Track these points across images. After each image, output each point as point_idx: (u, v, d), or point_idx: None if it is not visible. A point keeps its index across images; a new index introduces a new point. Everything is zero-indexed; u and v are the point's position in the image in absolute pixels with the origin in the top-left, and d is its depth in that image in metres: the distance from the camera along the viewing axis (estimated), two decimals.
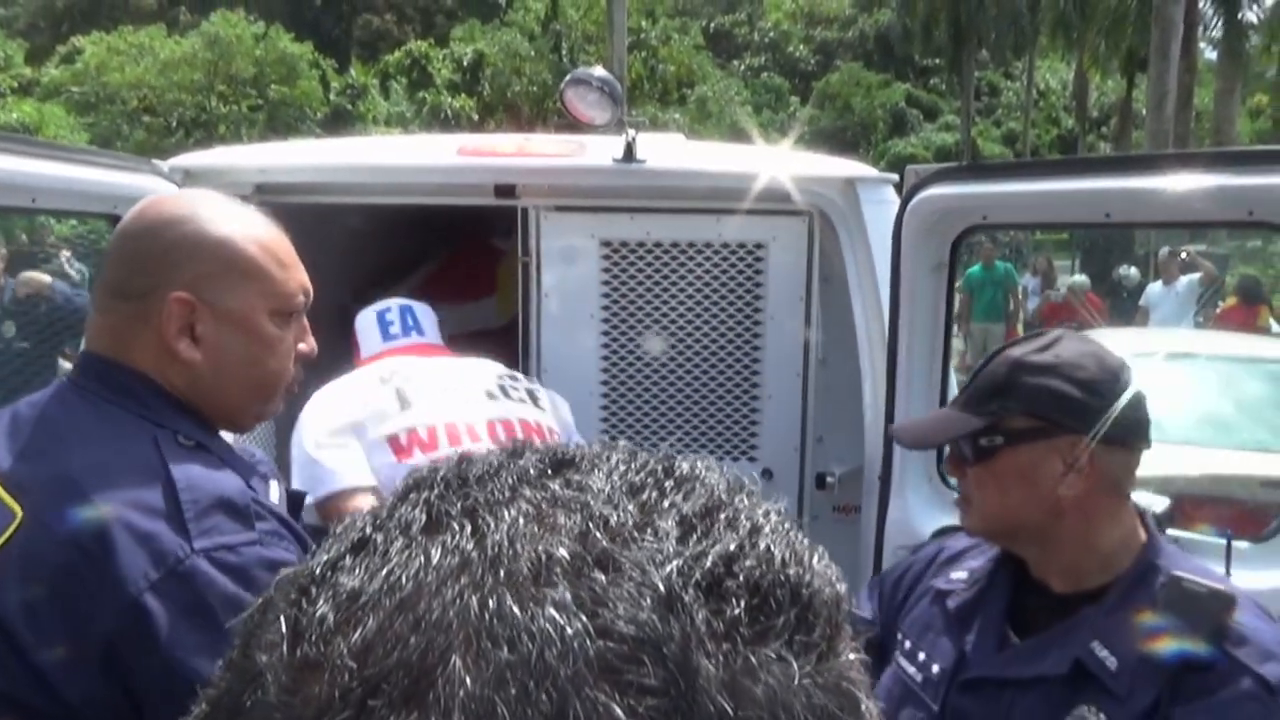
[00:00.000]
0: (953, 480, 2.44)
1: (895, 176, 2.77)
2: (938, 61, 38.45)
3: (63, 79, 30.37)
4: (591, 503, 0.35)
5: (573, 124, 2.82)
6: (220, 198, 1.30)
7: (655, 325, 2.84)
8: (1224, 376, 5.67)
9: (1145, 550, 1.34)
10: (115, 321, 1.22)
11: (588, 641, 0.29)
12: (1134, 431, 1.34)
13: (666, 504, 0.35)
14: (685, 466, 0.39)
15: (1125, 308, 11.64)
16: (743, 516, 0.36)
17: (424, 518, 0.35)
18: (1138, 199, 1.91)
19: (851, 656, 0.35)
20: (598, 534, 0.33)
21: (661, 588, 0.31)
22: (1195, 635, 1.20)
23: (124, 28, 32.39)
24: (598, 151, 2.74)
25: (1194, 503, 2.92)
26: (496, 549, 0.32)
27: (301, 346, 1.31)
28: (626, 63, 15.74)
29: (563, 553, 0.32)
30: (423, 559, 0.33)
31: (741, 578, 0.33)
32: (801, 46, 45.06)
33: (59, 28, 36.38)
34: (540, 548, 0.32)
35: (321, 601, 0.33)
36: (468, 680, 0.29)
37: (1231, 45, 23.26)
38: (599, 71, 2.72)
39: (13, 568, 1.05)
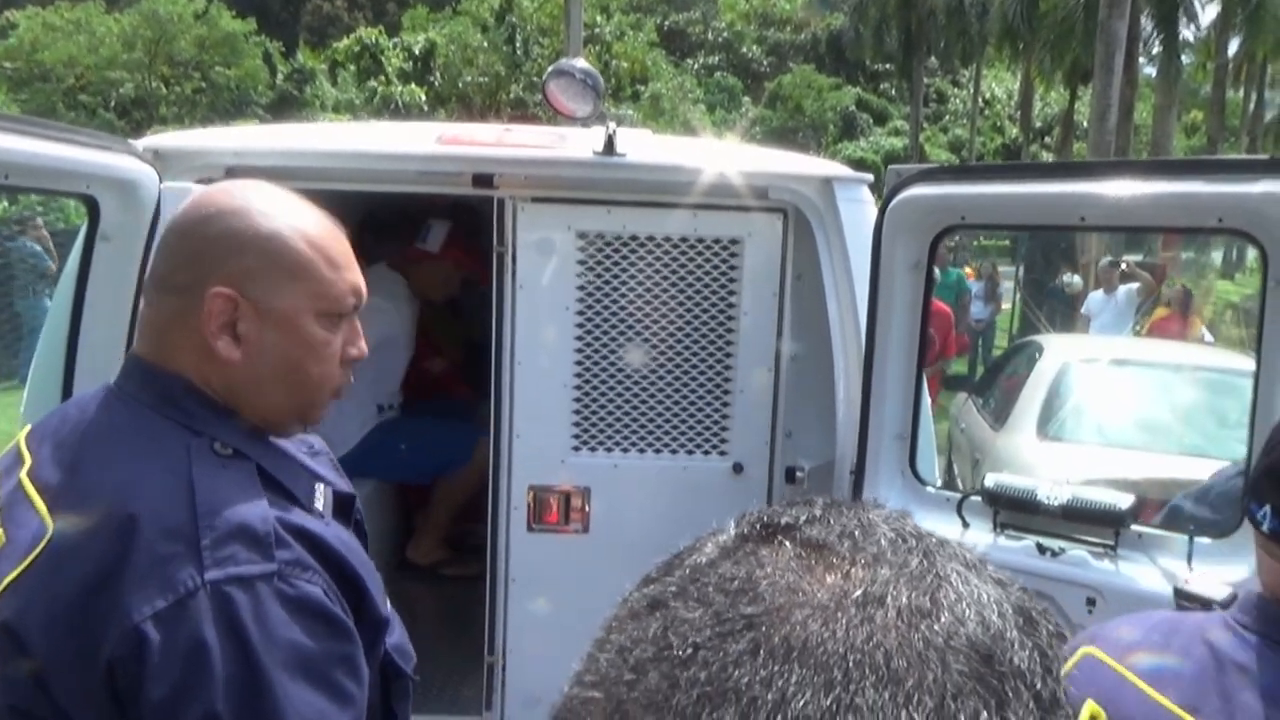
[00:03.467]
0: (925, 474, 2.51)
1: (870, 176, 2.82)
2: (888, 67, 39.05)
3: None
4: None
5: (526, 115, 2.82)
6: (276, 191, 1.24)
7: (629, 318, 2.85)
8: (1161, 383, 5.85)
9: None
10: (158, 316, 1.20)
11: (1009, 603, 0.45)
12: None
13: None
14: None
15: (1064, 315, 11.94)
16: None
17: (857, 523, 0.47)
18: (1111, 204, 1.97)
19: None
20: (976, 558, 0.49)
21: (1023, 593, 0.47)
22: None
23: (61, 2, 31.42)
24: (577, 144, 2.74)
25: (1149, 506, 3.04)
26: (938, 547, 0.47)
27: (351, 351, 1.25)
28: (582, 57, 15.72)
29: (971, 557, 0.47)
30: (881, 539, 0.46)
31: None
32: (755, 47, 45.40)
33: None
34: (959, 550, 0.47)
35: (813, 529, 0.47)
36: (962, 599, 0.43)
37: (1169, 62, 23.99)
38: (581, 64, 2.72)
39: (39, 583, 1.04)
